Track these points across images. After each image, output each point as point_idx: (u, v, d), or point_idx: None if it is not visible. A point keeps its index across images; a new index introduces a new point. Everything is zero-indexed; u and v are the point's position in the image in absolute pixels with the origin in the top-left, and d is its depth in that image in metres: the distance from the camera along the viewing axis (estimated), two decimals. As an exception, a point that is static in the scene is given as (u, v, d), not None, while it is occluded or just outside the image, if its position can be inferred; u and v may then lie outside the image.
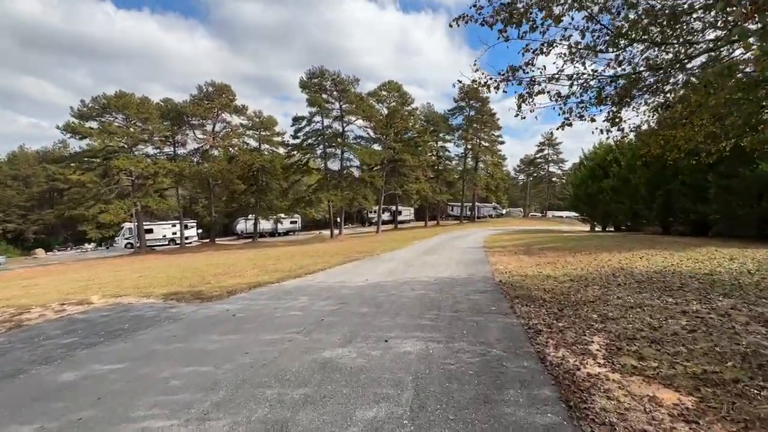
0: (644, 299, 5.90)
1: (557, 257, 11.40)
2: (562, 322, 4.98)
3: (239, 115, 40.10)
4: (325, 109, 32.68)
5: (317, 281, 9.19)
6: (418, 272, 9.67)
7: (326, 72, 32.58)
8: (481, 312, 5.57)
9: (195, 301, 7.80)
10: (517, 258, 11.89)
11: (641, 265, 9.02)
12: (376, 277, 9.27)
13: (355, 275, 9.73)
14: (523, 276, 8.50)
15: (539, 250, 13.86)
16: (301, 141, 34.84)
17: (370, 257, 14.08)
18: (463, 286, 7.66)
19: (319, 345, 4.41)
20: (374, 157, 35.01)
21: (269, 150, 42.46)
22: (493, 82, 5.26)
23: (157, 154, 38.44)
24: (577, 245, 14.28)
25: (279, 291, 8.24)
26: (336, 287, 8.15)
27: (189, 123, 38.33)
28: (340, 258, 14.26)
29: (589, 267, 9.23)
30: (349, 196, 34.16)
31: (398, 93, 38.78)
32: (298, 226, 57.35)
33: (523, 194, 78.10)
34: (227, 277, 11.11)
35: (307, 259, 14.53)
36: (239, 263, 14.89)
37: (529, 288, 7.17)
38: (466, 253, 14.11)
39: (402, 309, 5.94)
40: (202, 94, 37.56)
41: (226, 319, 5.98)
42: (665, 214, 17.04)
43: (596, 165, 26.73)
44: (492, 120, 49.84)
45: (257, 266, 13.26)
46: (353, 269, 10.91)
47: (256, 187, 42.14)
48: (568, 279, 7.92)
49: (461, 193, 53.51)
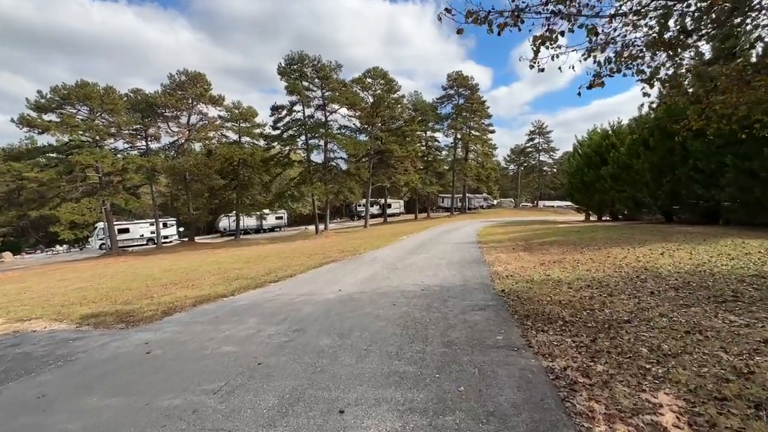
0: (698, 318, 4.41)
1: (563, 254, 9.95)
2: (601, 362, 3.45)
3: (216, 106, 37.69)
4: (305, 97, 30.59)
5: (279, 293, 7.55)
6: (402, 278, 8.09)
7: (306, 57, 30.46)
8: (484, 345, 4.01)
9: (118, 325, 6.13)
10: (517, 256, 10.40)
11: (666, 263, 7.58)
12: (352, 286, 7.66)
13: (327, 284, 8.11)
14: (528, 281, 6.99)
15: (540, 245, 12.41)
16: (281, 132, 32.73)
17: (351, 257, 12.47)
18: (457, 298, 6.10)
19: (231, 425, 2.79)
20: (360, 148, 33.12)
21: (250, 143, 40.24)
22: (496, 17, 3.60)
23: (128, 149, 36.04)
24: (580, 239, 12.88)
25: (227, 309, 6.58)
26: (298, 303, 6.52)
27: (162, 115, 35.88)
28: (317, 259, 12.62)
29: (604, 267, 7.76)
30: (334, 189, 32.30)
31: (384, 80, 36.82)
32: (285, 222, 55.44)
33: (514, 184, 77.14)
34: (178, 287, 9.39)
35: (279, 261, 12.85)
36: (202, 268, 13.13)
37: (540, 300, 5.65)
38: (458, 250, 12.59)
39: (375, 340, 4.35)
40: (174, 84, 35.09)
41: (133, 362, 4.33)
42: (672, 202, 15.76)
43: (592, 152, 25.47)
44: (482, 108, 48.26)
45: (220, 272, 11.53)
46: (328, 275, 9.28)
47: (237, 182, 40.00)
48: (585, 285, 6.43)
49: (451, 185, 52.06)
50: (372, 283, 7.80)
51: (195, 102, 36.29)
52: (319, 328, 4.96)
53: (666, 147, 15.22)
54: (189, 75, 35.04)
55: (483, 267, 8.93)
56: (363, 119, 35.89)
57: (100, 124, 30.88)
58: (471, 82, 47.00)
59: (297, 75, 30.59)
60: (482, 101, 47.96)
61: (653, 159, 16.11)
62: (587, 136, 29.50)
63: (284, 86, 29.32)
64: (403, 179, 38.87)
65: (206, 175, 35.03)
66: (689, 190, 14.52)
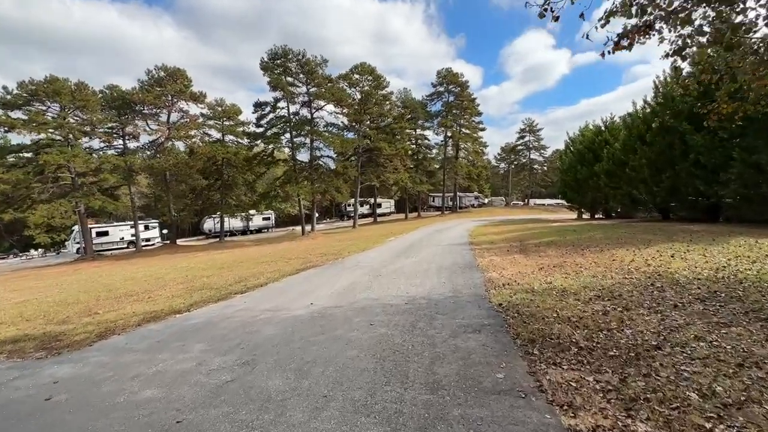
0: (745, 342, 3.53)
1: (563, 257, 9.09)
2: (641, 417, 2.52)
3: (198, 104, 36.21)
4: (290, 93, 29.37)
5: (242, 308, 6.51)
6: (385, 288, 7.12)
7: (290, 52, 29.25)
8: (481, 388, 3.05)
9: (37, 353, 5.05)
10: (513, 259, 9.52)
11: (680, 267, 6.76)
12: (327, 298, 6.66)
13: (299, 296, 7.09)
14: (528, 291, 6.08)
15: (536, 246, 11.56)
16: (264, 129, 31.45)
17: (333, 262, 11.46)
18: (447, 314, 5.15)
19: None
20: (347, 145, 32.04)
21: (234, 141, 38.86)
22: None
23: (105, 149, 34.39)
24: (578, 239, 12.07)
25: (174, 330, 5.53)
26: (260, 322, 5.50)
27: (140, 113, 34.31)
28: (295, 264, 11.57)
29: (611, 273, 6.90)
30: (321, 188, 31.17)
31: (372, 76, 35.78)
32: (272, 223, 54.03)
33: (505, 183, 76.83)
34: (132, 300, 8.27)
35: (255, 267, 11.78)
36: (170, 275, 11.98)
37: (545, 317, 4.73)
38: (449, 252, 11.67)
39: (340, 380, 3.36)
40: (152, 80, 33.55)
41: (20, 415, 3.28)
42: (671, 199, 15.10)
43: (585, 148, 24.87)
44: (472, 105, 47.57)
45: (187, 280, 10.42)
46: (302, 284, 8.26)
47: (221, 182, 38.62)
48: (595, 296, 5.54)
49: (442, 183, 51.31)
50: (350, 294, 6.81)
51: (175, 99, 34.78)
52: (275, 361, 3.95)
53: (665, 142, 14.54)
54: (168, 71, 33.56)
55: (476, 273, 8.00)
56: (351, 116, 34.81)
57: (72, 121, 29.27)
58: (461, 79, 46.26)
59: (281, 70, 29.39)
60: (472, 98, 47.28)
61: (651, 155, 15.43)
62: (579, 133, 28.97)
63: (267, 81, 28.06)
64: (392, 178, 37.92)
65: (187, 174, 33.64)
66: (690, 187, 13.85)
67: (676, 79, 15.40)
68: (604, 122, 24.97)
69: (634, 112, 18.91)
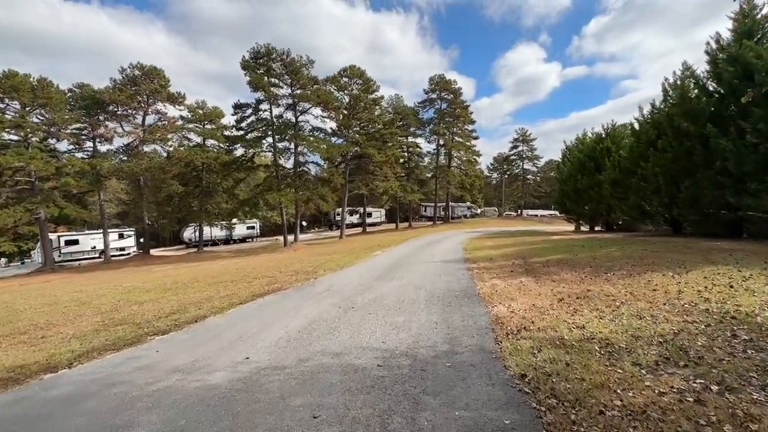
0: None
1: (583, 282, 7.27)
2: None
3: (176, 105, 34.22)
4: (272, 95, 27.51)
5: (145, 364, 4.50)
6: (355, 332, 5.18)
7: (274, 51, 27.49)
8: None
9: None
10: (520, 284, 7.67)
11: (755, 304, 4.96)
12: (269, 350, 4.69)
13: (235, 341, 5.11)
14: (558, 344, 4.20)
15: (544, 265, 9.75)
16: (245, 132, 29.45)
17: (303, 284, 9.48)
18: (440, 396, 3.22)
19: None
20: (333, 151, 30.17)
21: (216, 146, 36.78)
22: None
23: (73, 151, 32.04)
24: (593, 257, 10.30)
25: (8, 414, 3.51)
26: (148, 398, 3.51)
27: (114, 113, 32.10)
28: (257, 286, 9.56)
29: (662, 311, 5.08)
30: (305, 196, 29.16)
31: (361, 80, 34.22)
32: (256, 233, 51.68)
33: (498, 193, 75.75)
34: (13, 343, 6.17)
35: (206, 290, 9.72)
36: (100, 300, 9.84)
37: (600, 405, 2.84)
38: (442, 273, 9.79)
39: None
40: (126, 79, 31.48)
41: None
42: (688, 211, 13.49)
43: (585, 156, 23.43)
44: (465, 113, 46.36)
45: (111, 309, 8.31)
46: (248, 321, 6.26)
47: (200, 189, 36.39)
48: (660, 356, 3.68)
49: (434, 193, 49.74)
50: (304, 342, 4.85)
51: (151, 99, 32.75)
52: None
53: (683, 148, 13.00)
54: (143, 69, 31.56)
55: (477, 306, 6.12)
56: (338, 121, 33.06)
57: (34, 121, 26.98)
58: (454, 86, 45.10)
59: (263, 70, 27.58)
60: (465, 106, 46.09)
61: (664, 162, 13.88)
62: (577, 141, 27.65)
63: (247, 81, 26.18)
64: (382, 186, 36.12)
65: (162, 180, 31.38)
66: (710, 198, 12.28)
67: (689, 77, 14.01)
68: (605, 129, 23.62)
69: (641, 117, 17.48)
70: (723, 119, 11.96)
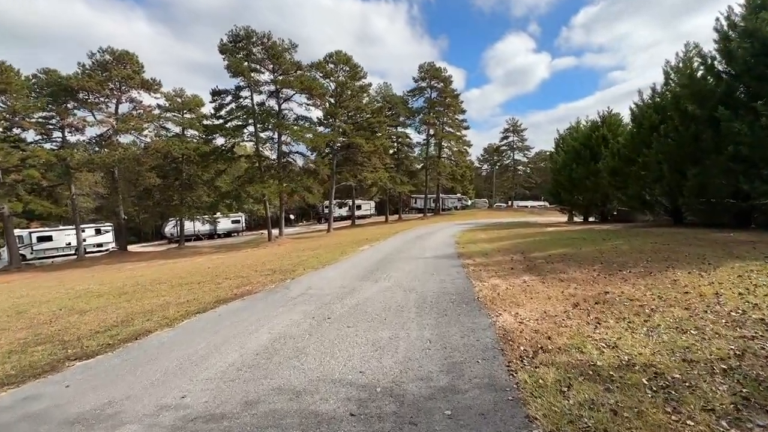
0: None
1: (596, 282, 6.31)
2: None
3: (152, 93, 32.29)
4: (252, 81, 25.90)
5: (35, 411, 3.34)
6: (327, 354, 4.10)
7: (254, 34, 25.79)
8: None
9: None
10: (524, 284, 6.68)
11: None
12: (214, 385, 3.57)
13: (174, 371, 3.98)
14: (590, 374, 3.18)
15: (546, 261, 8.79)
16: (224, 121, 27.79)
17: (277, 286, 8.35)
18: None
19: None
20: (319, 141, 28.73)
21: (196, 136, 34.96)
22: None
23: (40, 142, 29.95)
24: (599, 251, 9.38)
25: None
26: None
27: (84, 101, 30.03)
28: (225, 289, 8.40)
29: (706, 322, 4.11)
30: (289, 188, 27.78)
31: (348, 66, 32.68)
32: (242, 226, 50.05)
33: (488, 184, 75.16)
34: None
35: (166, 294, 8.51)
36: (45, 306, 8.57)
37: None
38: (434, 271, 8.76)
39: None
40: (96, 64, 29.42)
41: None
42: (694, 200, 12.69)
43: (581, 145, 22.60)
44: (455, 102, 45.21)
45: (46, 321, 7.05)
46: (200, 339, 5.11)
47: (180, 181, 34.64)
48: (737, 396, 2.70)
49: (424, 184, 48.72)
50: (259, 374, 3.75)
51: (124, 86, 30.75)
52: None
53: (690, 132, 12.14)
54: (115, 54, 29.51)
55: (479, 315, 5.09)
56: (325, 110, 31.57)
57: (-7, 108, 24.93)
58: (444, 74, 43.85)
59: (243, 54, 25.90)
60: (456, 95, 44.93)
61: (668, 148, 13.02)
62: (570, 129, 26.87)
63: (225, 66, 24.51)
64: (370, 177, 34.88)
65: (136, 172, 29.63)
66: (722, 186, 11.47)
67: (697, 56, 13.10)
68: (601, 117, 22.80)
69: (641, 102, 16.62)
70: (734, 101, 11.10)
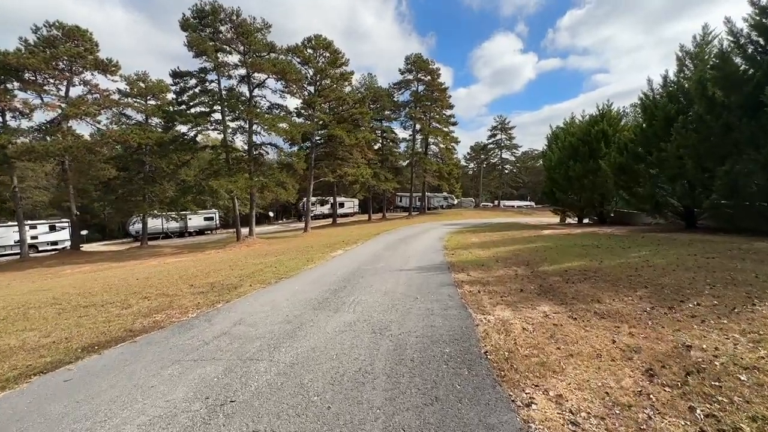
0: None
1: (656, 320, 4.24)
2: None
3: (108, 75, 29.05)
4: (219, 63, 23.17)
5: None
6: None
7: (221, 10, 23.02)
8: None
9: None
10: (549, 323, 4.56)
11: None
12: None
13: None
14: None
15: (564, 279, 6.71)
16: (186, 106, 24.91)
17: (199, 313, 6.01)
18: None
19: None
20: (294, 131, 26.13)
21: (161, 125, 31.84)
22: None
23: (-24, 126, 26.37)
24: (626, 266, 7.39)
25: None
26: None
27: (30, 82, 26.58)
28: (126, 317, 5.99)
29: None
30: (259, 183, 25.17)
31: (328, 51, 30.18)
32: (215, 224, 46.92)
33: (474, 183, 73.74)
34: None
35: (41, 326, 6.05)
36: None
37: None
38: (417, 295, 6.57)
39: None
40: (41, 41, 26.03)
41: None
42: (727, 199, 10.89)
43: (579, 141, 20.85)
44: (443, 96, 43.22)
45: None
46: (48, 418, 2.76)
47: (143, 174, 31.48)
48: None
49: (410, 182, 46.66)
50: None
51: (75, 66, 27.42)
52: None
53: (719, 123, 10.32)
54: (63, 29, 26.19)
55: (493, 400, 2.90)
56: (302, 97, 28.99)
57: None
58: (431, 66, 41.78)
59: (209, 32, 23.12)
60: (444, 88, 42.93)
61: (693, 141, 11.20)
62: (565, 125, 25.20)
63: (186, 42, 21.68)
64: (352, 173, 32.50)
65: (88, 163, 26.46)
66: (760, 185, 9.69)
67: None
68: (600, 110, 21.11)
69: (650, 92, 14.86)
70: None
